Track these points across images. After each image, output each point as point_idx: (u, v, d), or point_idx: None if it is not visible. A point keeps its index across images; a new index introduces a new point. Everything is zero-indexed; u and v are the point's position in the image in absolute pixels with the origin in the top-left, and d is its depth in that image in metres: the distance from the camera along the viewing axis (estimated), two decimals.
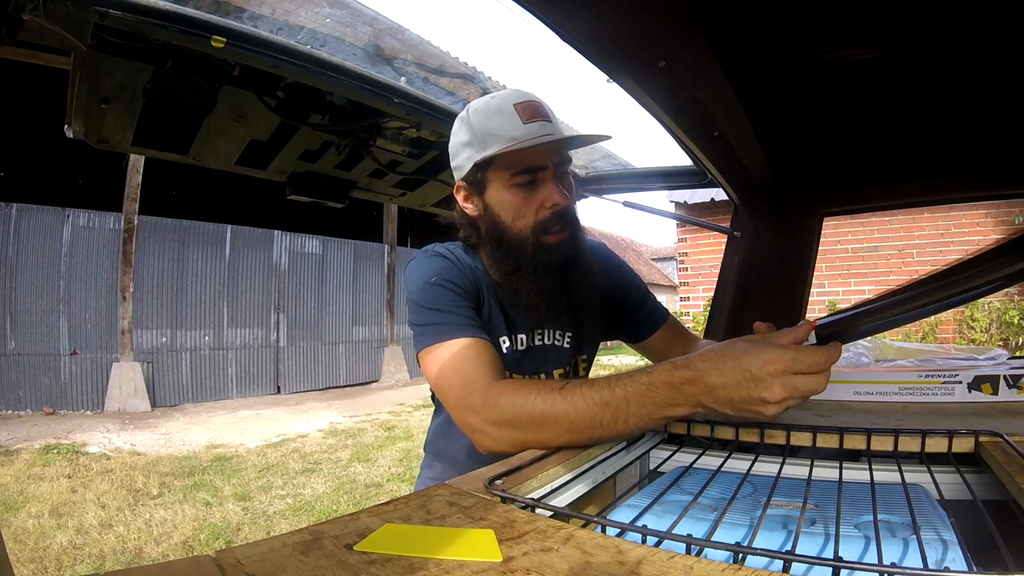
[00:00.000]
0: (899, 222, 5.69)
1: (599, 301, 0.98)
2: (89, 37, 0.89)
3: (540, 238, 0.82)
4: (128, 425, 5.80)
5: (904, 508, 0.54)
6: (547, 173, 0.81)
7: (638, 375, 0.65)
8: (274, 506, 3.58)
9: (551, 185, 0.81)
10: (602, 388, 0.65)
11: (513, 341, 0.90)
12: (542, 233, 0.82)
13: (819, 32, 0.80)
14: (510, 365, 0.89)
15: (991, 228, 5.45)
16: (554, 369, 0.94)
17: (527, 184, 0.81)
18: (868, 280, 5.91)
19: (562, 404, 0.67)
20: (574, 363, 0.98)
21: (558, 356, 0.94)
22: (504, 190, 0.82)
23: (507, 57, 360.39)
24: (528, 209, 0.81)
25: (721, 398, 0.59)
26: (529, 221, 0.82)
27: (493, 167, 0.82)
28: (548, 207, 0.81)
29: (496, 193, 0.83)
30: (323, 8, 1.24)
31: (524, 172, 0.80)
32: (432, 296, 0.81)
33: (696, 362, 0.60)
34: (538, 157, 0.80)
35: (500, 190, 0.82)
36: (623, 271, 1.04)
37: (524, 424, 0.68)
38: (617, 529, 0.47)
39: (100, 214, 6.70)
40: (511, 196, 0.82)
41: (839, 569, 0.39)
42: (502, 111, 0.80)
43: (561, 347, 0.95)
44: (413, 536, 0.45)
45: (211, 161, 1.44)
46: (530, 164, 0.80)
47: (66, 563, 2.63)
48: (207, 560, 0.39)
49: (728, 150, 1.21)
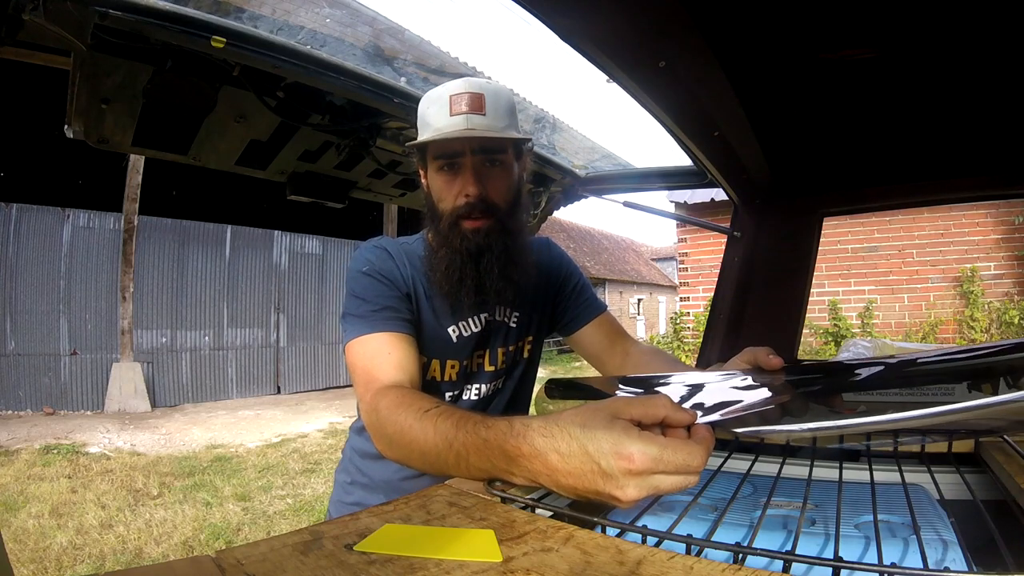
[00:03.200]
0: (899, 222, 5.69)
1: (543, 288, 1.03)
2: (89, 37, 0.89)
3: (459, 222, 0.87)
4: (128, 425, 5.80)
5: (904, 508, 0.54)
6: (465, 161, 0.86)
7: (479, 426, 0.58)
8: (274, 506, 3.58)
9: (467, 175, 0.86)
10: (452, 426, 0.60)
11: (465, 326, 0.94)
12: (461, 217, 0.87)
13: (819, 32, 0.80)
14: (461, 350, 0.94)
15: (991, 228, 5.45)
16: (499, 347, 0.98)
17: (449, 168, 0.87)
18: (868, 280, 5.91)
19: (418, 428, 0.64)
20: (522, 345, 1.02)
21: (505, 334, 0.98)
22: (434, 174, 0.89)
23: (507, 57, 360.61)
24: (449, 194, 0.87)
25: (563, 484, 0.49)
26: (448, 205, 0.88)
27: (427, 152, 0.89)
28: (463, 195, 0.86)
29: (430, 175, 0.91)
30: (323, 8, 1.24)
31: (443, 158, 0.87)
32: (360, 285, 0.87)
33: (535, 436, 0.51)
34: (455, 144, 0.85)
35: (432, 174, 0.90)
36: (564, 262, 1.09)
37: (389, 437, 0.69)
38: (617, 529, 0.47)
39: (100, 214, 6.70)
40: (437, 180, 0.89)
41: (839, 569, 0.39)
42: (439, 101, 0.86)
43: (508, 325, 0.99)
44: (413, 536, 0.45)
45: (211, 161, 1.44)
46: (447, 151, 0.86)
47: (66, 563, 2.63)
48: (207, 560, 0.39)
49: (728, 150, 1.21)
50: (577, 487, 0.48)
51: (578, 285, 1.09)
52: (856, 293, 5.98)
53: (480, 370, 0.97)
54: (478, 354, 0.97)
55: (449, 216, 0.87)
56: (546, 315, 1.06)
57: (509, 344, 0.99)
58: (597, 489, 0.46)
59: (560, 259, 1.09)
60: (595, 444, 0.46)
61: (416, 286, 0.91)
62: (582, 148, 1.82)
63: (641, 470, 0.44)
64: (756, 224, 1.58)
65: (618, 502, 0.46)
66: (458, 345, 0.93)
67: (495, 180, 0.88)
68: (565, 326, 1.09)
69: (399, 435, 0.67)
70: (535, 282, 0.98)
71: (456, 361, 0.94)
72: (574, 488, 0.48)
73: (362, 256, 0.91)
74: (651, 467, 0.44)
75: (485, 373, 0.97)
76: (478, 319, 0.95)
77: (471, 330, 0.94)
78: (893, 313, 5.84)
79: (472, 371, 0.97)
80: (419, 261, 0.94)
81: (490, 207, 0.87)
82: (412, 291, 0.90)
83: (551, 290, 1.06)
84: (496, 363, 0.98)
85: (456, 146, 0.85)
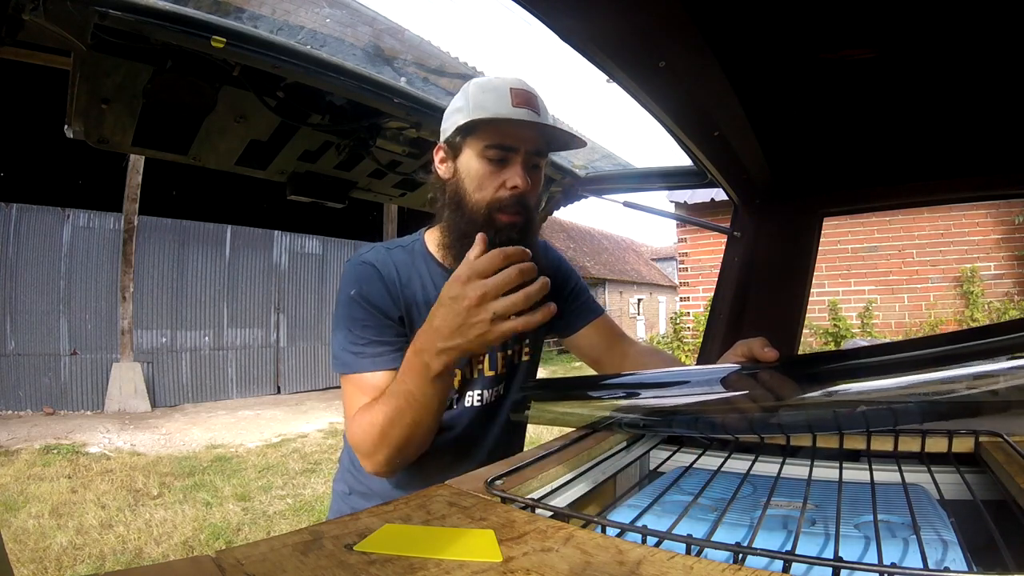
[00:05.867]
0: (899, 222, 5.69)
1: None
2: (89, 37, 0.89)
3: (493, 214, 0.84)
4: (128, 425, 5.80)
5: (904, 508, 0.54)
6: (517, 156, 0.84)
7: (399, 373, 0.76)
8: (274, 506, 3.58)
9: (517, 168, 0.84)
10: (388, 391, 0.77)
11: None
12: (496, 210, 0.84)
13: (819, 32, 0.80)
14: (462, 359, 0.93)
15: (991, 228, 5.45)
16: (498, 351, 0.96)
17: (496, 160, 0.84)
18: (868, 280, 5.91)
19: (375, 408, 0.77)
20: (520, 349, 1.01)
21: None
22: (475, 159, 0.85)
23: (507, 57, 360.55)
24: (490, 183, 0.84)
25: (444, 330, 0.67)
26: (487, 195, 0.85)
27: (472, 135, 0.85)
28: (508, 188, 0.84)
29: (467, 160, 0.86)
30: (323, 8, 1.24)
31: (496, 147, 0.84)
32: (348, 313, 0.87)
33: (419, 332, 0.71)
34: (513, 139, 0.83)
35: (471, 158, 0.86)
36: (560, 265, 1.08)
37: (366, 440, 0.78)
38: (617, 529, 0.47)
39: (100, 214, 6.70)
40: (479, 166, 0.85)
41: (839, 569, 0.39)
42: (498, 90, 0.84)
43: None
44: (413, 536, 0.45)
45: (211, 161, 1.44)
46: (504, 142, 0.83)
47: (66, 563, 2.63)
48: (207, 560, 0.39)
49: (728, 150, 1.20)
50: (452, 324, 0.66)
51: (575, 288, 1.08)
52: (856, 293, 5.98)
53: (480, 376, 0.96)
54: (478, 359, 0.95)
55: (485, 206, 0.84)
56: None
57: (508, 348, 0.98)
58: (457, 313, 0.65)
59: (557, 262, 1.08)
60: (444, 289, 0.67)
61: (410, 298, 0.89)
62: (582, 148, 1.81)
63: (466, 277, 0.64)
64: (756, 224, 1.58)
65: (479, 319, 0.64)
66: None
67: (535, 182, 0.87)
68: (562, 328, 1.08)
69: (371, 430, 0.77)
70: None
71: (456, 369, 0.91)
72: (451, 327, 0.66)
73: (350, 275, 0.89)
74: (467, 271, 0.65)
75: (485, 378, 0.96)
76: None
77: None
78: (893, 313, 5.84)
79: (472, 377, 0.95)
80: (421, 262, 0.92)
81: (527, 206, 0.86)
82: (404, 309, 0.88)
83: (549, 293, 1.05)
84: (496, 368, 0.97)
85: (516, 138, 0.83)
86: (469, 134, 0.85)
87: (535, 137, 0.85)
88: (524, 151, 0.84)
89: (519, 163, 0.84)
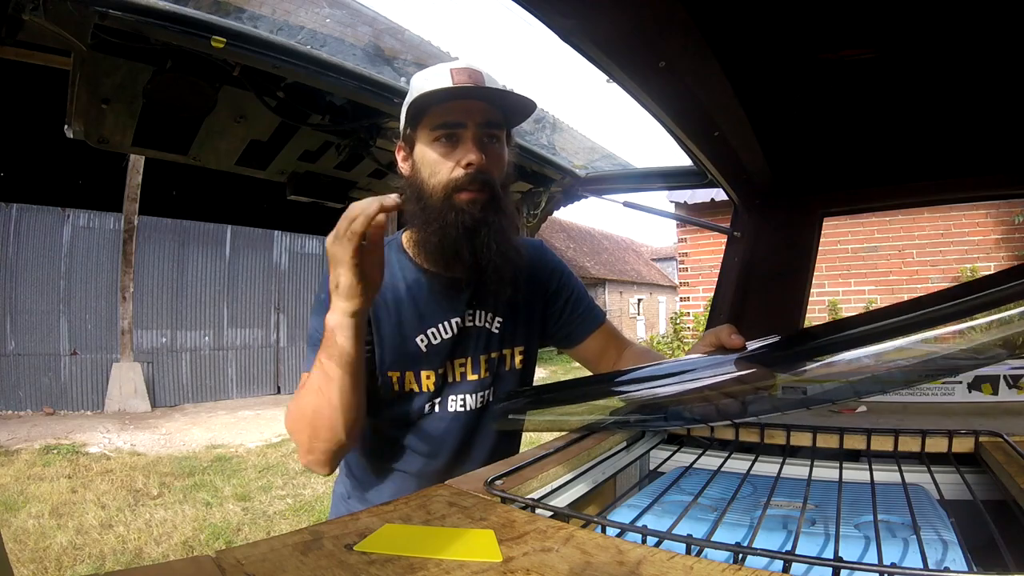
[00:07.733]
0: (899, 222, 5.69)
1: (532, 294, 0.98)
2: (89, 37, 0.89)
3: (451, 195, 0.83)
4: (128, 425, 5.80)
5: (904, 508, 0.54)
6: (467, 131, 0.82)
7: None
8: (274, 506, 3.58)
9: (468, 144, 0.82)
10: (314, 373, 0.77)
11: (435, 333, 0.90)
12: (455, 191, 0.82)
13: (819, 32, 0.80)
14: (433, 359, 0.90)
15: (991, 228, 5.44)
16: (481, 355, 0.93)
17: (447, 140, 0.83)
18: (868, 280, 5.91)
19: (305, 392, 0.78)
20: (510, 354, 0.97)
21: (487, 340, 0.94)
22: (427, 147, 0.84)
23: (507, 57, 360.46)
24: (444, 166, 0.83)
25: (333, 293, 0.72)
26: (443, 178, 0.83)
27: (420, 124, 0.84)
28: (463, 166, 0.82)
29: (420, 150, 0.85)
30: (323, 8, 1.24)
31: (443, 127, 0.82)
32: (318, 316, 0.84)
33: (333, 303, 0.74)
34: (458, 114, 0.82)
35: (424, 147, 0.84)
36: (557, 269, 1.03)
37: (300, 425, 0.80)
38: (617, 529, 0.47)
39: (100, 214, 6.70)
40: (431, 152, 0.83)
41: (839, 569, 0.39)
42: (438, 73, 0.83)
43: (490, 331, 0.94)
44: (413, 536, 0.45)
45: (211, 161, 1.44)
46: (448, 119, 0.82)
47: (66, 563, 2.63)
48: (207, 560, 0.39)
49: (728, 150, 1.20)
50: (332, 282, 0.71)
51: (573, 296, 1.03)
52: (856, 293, 5.98)
53: (463, 379, 0.92)
54: (459, 363, 0.92)
55: (442, 189, 0.83)
56: (535, 324, 1.00)
57: (492, 351, 0.94)
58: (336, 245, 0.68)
59: (553, 265, 1.03)
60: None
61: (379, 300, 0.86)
62: (582, 148, 1.81)
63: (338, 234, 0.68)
64: (756, 224, 1.58)
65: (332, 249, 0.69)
66: (428, 354, 0.89)
67: (493, 156, 0.85)
68: (562, 340, 1.04)
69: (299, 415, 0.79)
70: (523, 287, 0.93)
71: (431, 371, 0.89)
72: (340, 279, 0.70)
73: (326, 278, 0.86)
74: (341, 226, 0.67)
75: (468, 383, 0.92)
76: (449, 325, 0.90)
77: (441, 336, 0.90)
78: None
79: (453, 380, 0.92)
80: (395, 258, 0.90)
81: (488, 181, 0.83)
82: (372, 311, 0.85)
83: (540, 298, 1.00)
84: (479, 371, 0.93)
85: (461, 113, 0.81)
86: (417, 122, 0.84)
87: (482, 108, 0.83)
88: (474, 124, 0.82)
89: (470, 139, 0.82)
